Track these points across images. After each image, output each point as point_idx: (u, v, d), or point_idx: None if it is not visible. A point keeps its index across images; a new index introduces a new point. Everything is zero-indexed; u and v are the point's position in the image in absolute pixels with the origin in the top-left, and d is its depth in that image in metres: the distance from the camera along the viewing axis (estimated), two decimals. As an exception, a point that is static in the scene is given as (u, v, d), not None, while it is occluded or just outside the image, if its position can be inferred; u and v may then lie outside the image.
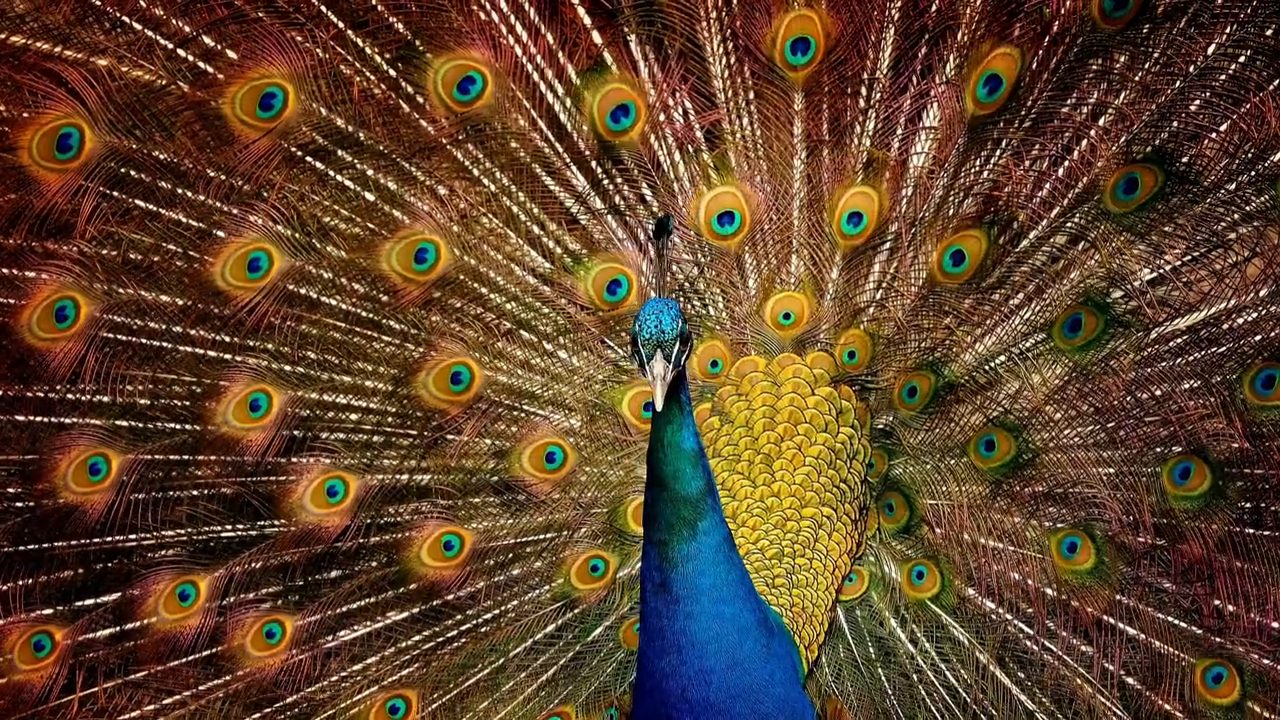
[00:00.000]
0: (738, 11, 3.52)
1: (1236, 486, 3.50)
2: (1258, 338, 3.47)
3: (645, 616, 3.03)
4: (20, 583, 3.57)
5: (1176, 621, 3.58)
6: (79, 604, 3.61)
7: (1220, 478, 3.50)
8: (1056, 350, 3.58)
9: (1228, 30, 3.38)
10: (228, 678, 3.67)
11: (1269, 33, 3.36)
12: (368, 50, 3.45)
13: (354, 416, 3.63)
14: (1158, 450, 3.55)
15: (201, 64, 3.38)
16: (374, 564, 3.70)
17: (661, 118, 3.59)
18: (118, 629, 3.63)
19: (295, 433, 3.60)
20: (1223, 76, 3.40)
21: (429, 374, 3.62)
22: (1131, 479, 3.54)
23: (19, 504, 3.53)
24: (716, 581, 2.99)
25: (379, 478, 3.66)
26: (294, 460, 3.61)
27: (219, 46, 3.38)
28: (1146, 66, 3.44)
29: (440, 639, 3.74)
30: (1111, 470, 3.57)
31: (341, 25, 3.43)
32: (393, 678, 3.73)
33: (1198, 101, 3.43)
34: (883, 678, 3.72)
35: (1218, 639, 3.55)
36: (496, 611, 3.74)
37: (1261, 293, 3.45)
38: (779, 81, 3.57)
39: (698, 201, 3.63)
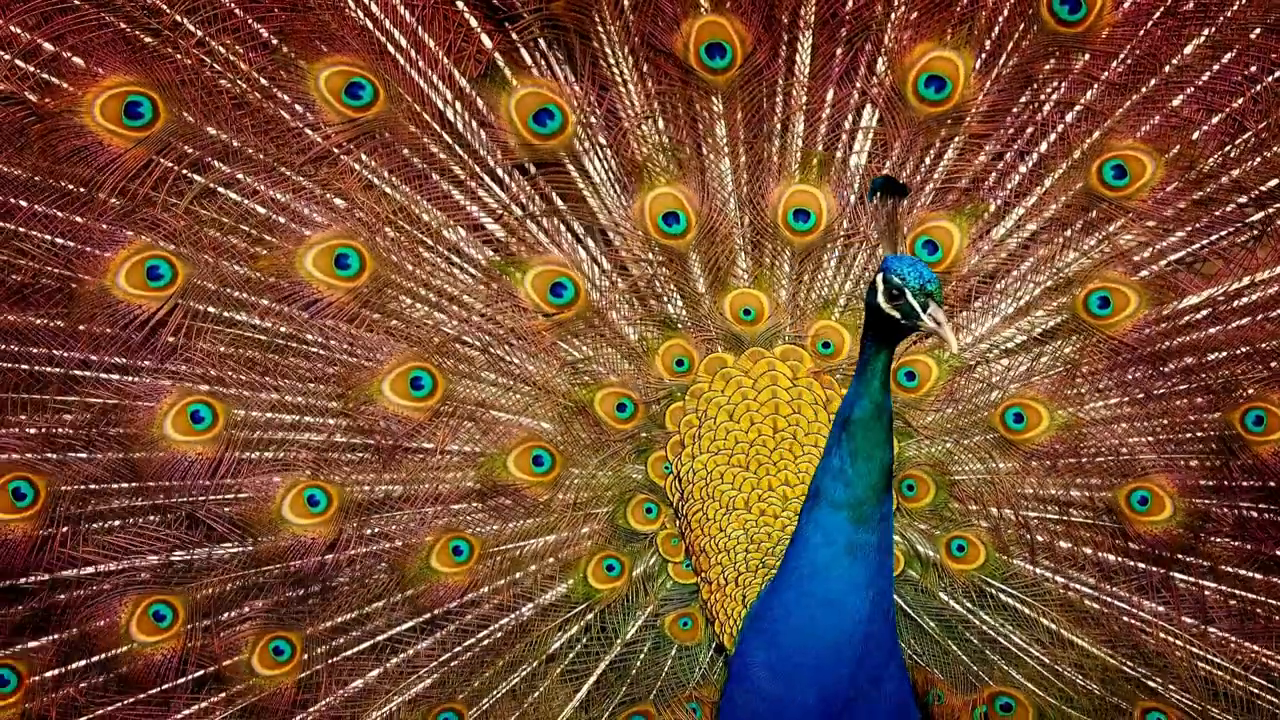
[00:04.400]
0: (632, 19, 3.32)
1: None
2: None
3: (829, 580, 3.02)
4: None
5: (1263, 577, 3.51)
6: (46, 638, 3.46)
7: None
8: (1079, 323, 3.50)
9: (1205, 31, 3.23)
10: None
11: (1253, 35, 3.21)
12: (238, 62, 3.24)
13: (304, 435, 3.50)
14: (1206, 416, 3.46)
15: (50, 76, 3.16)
16: (380, 573, 3.61)
17: (587, 119, 3.44)
18: (99, 659, 3.48)
19: (270, 453, 3.47)
20: (1205, 75, 3.26)
21: (385, 380, 3.49)
22: (1186, 442, 3.47)
23: None
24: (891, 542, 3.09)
25: (360, 490, 3.55)
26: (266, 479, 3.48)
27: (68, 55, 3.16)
28: (1112, 66, 3.31)
29: (459, 648, 3.67)
30: (1168, 437, 3.48)
31: (200, 33, 3.20)
32: (431, 693, 3.65)
33: (1180, 97, 3.29)
34: (955, 648, 3.69)
35: None
36: (512, 617, 3.68)
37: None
38: (699, 84, 3.39)
39: (640, 202, 3.52)
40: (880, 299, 2.82)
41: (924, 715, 3.59)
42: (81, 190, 3.23)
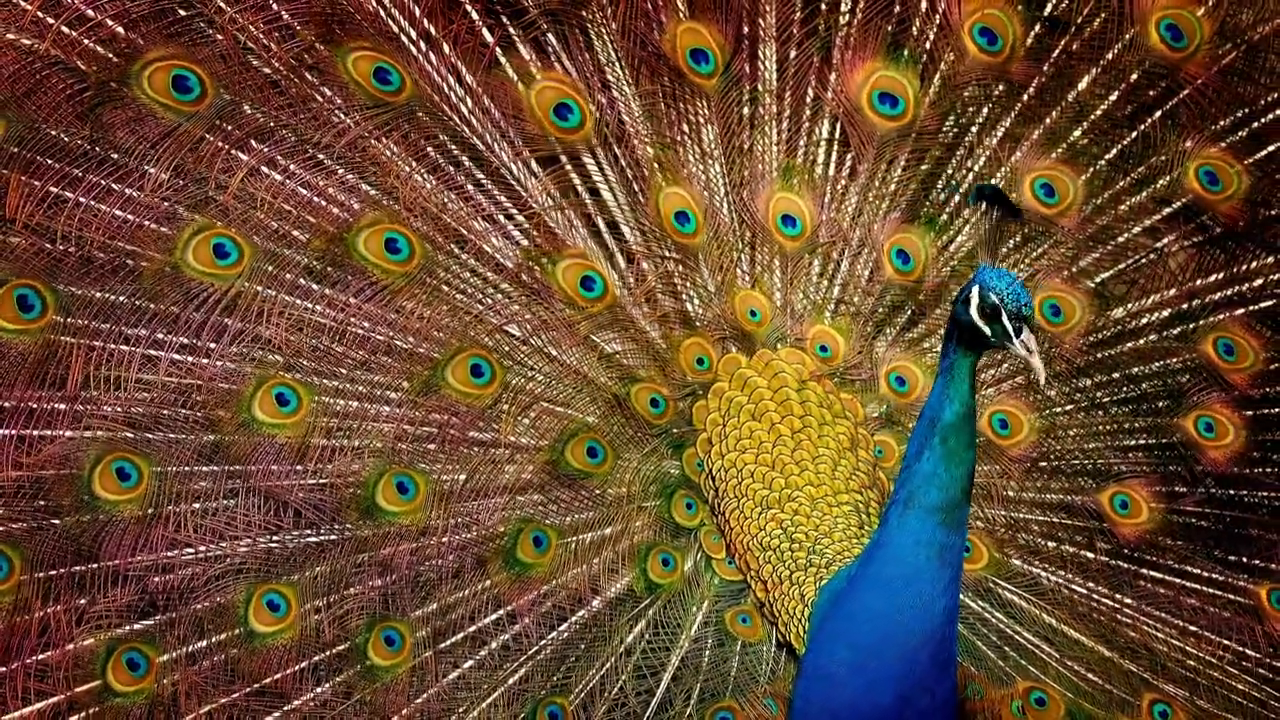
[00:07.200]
0: (613, 16, 3.54)
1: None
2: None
3: (922, 584, 3.01)
4: (94, 598, 3.49)
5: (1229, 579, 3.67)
6: (157, 618, 3.53)
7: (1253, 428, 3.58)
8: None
9: (1092, 72, 3.50)
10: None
11: (1133, 77, 3.49)
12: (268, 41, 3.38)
13: (380, 425, 3.59)
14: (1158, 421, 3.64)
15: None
16: (462, 563, 3.68)
17: (601, 115, 3.59)
18: (216, 643, 3.56)
19: (351, 441, 3.57)
20: (1099, 110, 3.53)
21: (448, 367, 3.60)
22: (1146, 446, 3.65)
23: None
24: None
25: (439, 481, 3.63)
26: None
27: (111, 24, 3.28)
28: (1022, 98, 3.56)
29: (543, 641, 3.74)
30: (1139, 442, 3.66)
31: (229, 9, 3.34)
32: (525, 686, 3.71)
33: (1081, 128, 3.54)
34: (980, 645, 3.77)
35: None
36: (584, 610, 3.76)
37: (1198, 282, 3.57)
38: (689, 87, 3.60)
39: (655, 199, 3.66)
40: (973, 311, 2.80)
41: (962, 711, 3.67)
42: (134, 164, 3.35)
